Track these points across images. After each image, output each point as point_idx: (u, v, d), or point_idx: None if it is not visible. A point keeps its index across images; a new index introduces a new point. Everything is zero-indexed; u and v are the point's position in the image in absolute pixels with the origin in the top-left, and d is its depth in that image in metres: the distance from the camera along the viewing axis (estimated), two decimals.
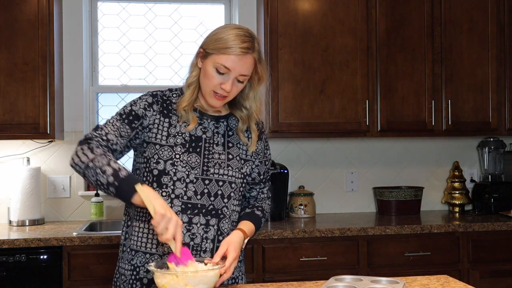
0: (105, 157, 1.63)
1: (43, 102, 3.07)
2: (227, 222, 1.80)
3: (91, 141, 1.69)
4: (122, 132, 1.74)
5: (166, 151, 1.75)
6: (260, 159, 1.92)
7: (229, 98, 1.79)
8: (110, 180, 1.59)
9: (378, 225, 3.08)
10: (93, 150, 1.65)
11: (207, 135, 1.81)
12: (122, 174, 1.60)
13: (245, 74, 1.74)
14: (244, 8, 3.61)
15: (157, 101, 1.80)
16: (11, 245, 2.75)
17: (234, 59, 1.70)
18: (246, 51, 1.71)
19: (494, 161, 3.75)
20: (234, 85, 1.75)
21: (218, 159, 1.80)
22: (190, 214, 1.75)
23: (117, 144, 1.74)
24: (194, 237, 1.75)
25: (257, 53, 1.75)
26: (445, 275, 1.85)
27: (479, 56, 3.46)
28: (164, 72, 3.70)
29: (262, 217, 1.92)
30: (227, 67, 1.71)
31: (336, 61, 3.32)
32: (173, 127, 1.78)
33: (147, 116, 1.77)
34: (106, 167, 1.60)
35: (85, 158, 1.64)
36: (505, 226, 3.15)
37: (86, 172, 1.64)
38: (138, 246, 1.78)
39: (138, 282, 1.77)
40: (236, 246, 1.70)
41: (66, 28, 3.44)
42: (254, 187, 1.96)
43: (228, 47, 1.70)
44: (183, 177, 1.75)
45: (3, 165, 3.37)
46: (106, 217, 3.45)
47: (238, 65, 1.71)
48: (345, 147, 3.72)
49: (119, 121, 1.76)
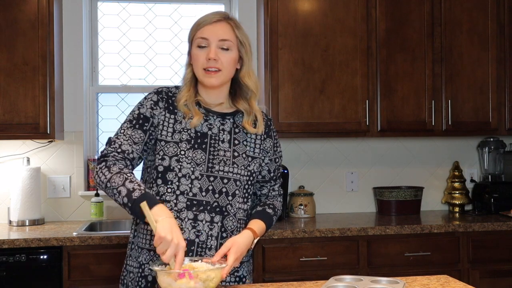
0: (121, 176, 1.66)
1: (43, 102, 3.07)
2: (231, 219, 1.80)
3: (107, 158, 1.73)
4: (135, 139, 1.77)
5: (172, 147, 1.76)
6: (270, 156, 1.92)
7: (224, 72, 1.79)
8: (125, 201, 1.63)
9: (378, 225, 3.08)
10: (110, 168, 1.69)
11: (212, 132, 1.82)
12: (135, 195, 1.62)
13: (224, 38, 1.78)
14: (244, 8, 3.61)
15: (162, 98, 1.82)
16: (11, 245, 2.75)
17: (209, 27, 1.78)
18: (219, 19, 1.80)
19: (494, 161, 3.75)
20: (220, 54, 1.77)
21: (223, 156, 1.80)
22: (195, 211, 1.75)
23: (133, 152, 1.77)
24: (199, 234, 1.75)
25: (232, 21, 1.82)
26: (445, 275, 1.85)
27: (479, 56, 3.46)
28: (164, 72, 3.70)
29: (274, 215, 1.92)
30: (204, 37, 1.77)
31: (336, 61, 3.32)
32: (179, 123, 1.79)
33: (155, 114, 1.79)
34: (121, 187, 1.64)
35: (103, 178, 1.69)
36: (505, 226, 3.15)
37: (107, 192, 1.70)
38: (143, 243, 1.79)
39: (143, 279, 1.78)
40: (239, 248, 1.69)
41: (66, 28, 3.44)
42: (265, 185, 1.96)
43: (201, 22, 1.81)
44: (188, 174, 1.75)
45: (3, 165, 3.37)
46: (106, 217, 3.45)
47: (213, 32, 1.77)
48: (345, 147, 3.72)
49: (130, 128, 1.78)
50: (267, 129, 1.92)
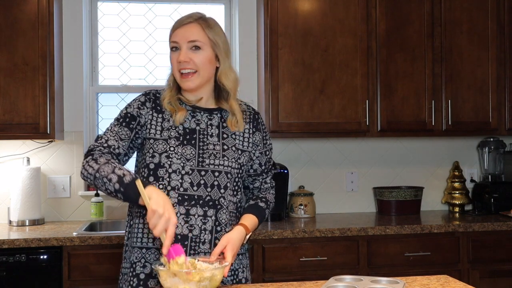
0: (109, 165, 1.68)
1: (43, 102, 3.07)
2: (224, 212, 1.81)
3: (93, 152, 1.75)
4: (121, 136, 1.80)
5: (161, 145, 1.79)
6: (260, 149, 1.94)
7: (201, 73, 1.81)
8: (116, 187, 1.65)
9: (378, 225, 3.08)
10: (97, 160, 1.71)
11: (201, 127, 1.84)
12: (126, 180, 1.64)
13: (193, 39, 1.80)
14: (244, 8, 3.61)
15: (149, 99, 1.86)
16: (11, 245, 2.75)
17: (179, 30, 1.83)
18: (187, 21, 1.82)
19: (494, 161, 3.75)
20: (192, 55, 1.80)
21: (213, 149, 1.82)
22: (187, 206, 1.76)
23: (119, 148, 1.79)
24: (192, 228, 1.76)
25: (203, 22, 1.82)
26: (445, 275, 1.85)
27: (479, 56, 3.46)
28: (164, 72, 3.70)
29: (266, 208, 1.94)
30: (174, 41, 1.81)
31: (336, 61, 3.32)
32: (167, 121, 1.83)
33: (142, 114, 1.83)
34: (111, 175, 1.65)
35: (91, 170, 1.70)
36: (505, 226, 3.15)
37: (96, 183, 1.70)
38: (134, 242, 1.80)
39: (135, 278, 1.78)
40: (234, 245, 1.71)
41: (66, 28, 3.44)
42: (257, 178, 1.98)
43: (174, 26, 1.85)
44: (178, 169, 1.77)
45: (3, 165, 3.37)
46: (106, 217, 3.45)
47: (182, 35, 1.80)
48: (345, 147, 3.72)
49: (117, 125, 1.82)
50: (255, 122, 1.94)
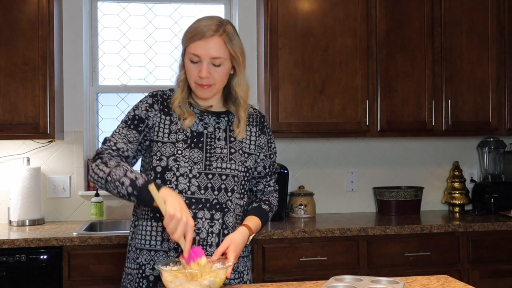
0: (121, 168, 1.68)
1: (43, 102, 3.07)
2: (231, 215, 1.81)
3: (102, 155, 1.74)
4: (130, 138, 1.79)
5: (168, 148, 1.79)
6: (265, 152, 1.94)
7: (217, 85, 1.80)
8: (129, 191, 1.64)
9: (378, 225, 3.08)
10: (107, 163, 1.70)
11: (208, 130, 1.84)
12: (139, 183, 1.64)
13: (216, 56, 1.76)
14: (244, 8, 3.61)
15: (157, 100, 1.85)
16: (11, 245, 2.75)
17: (201, 44, 1.75)
18: (212, 34, 1.75)
19: (494, 161, 3.75)
20: (212, 70, 1.77)
21: (220, 153, 1.82)
22: (194, 209, 1.76)
23: (128, 151, 1.79)
24: (199, 231, 1.76)
25: (225, 35, 1.77)
26: (445, 275, 1.85)
27: (479, 56, 3.46)
28: (164, 72, 3.70)
29: (269, 211, 1.95)
30: (196, 54, 1.76)
31: (336, 61, 3.32)
32: (174, 124, 1.82)
33: (150, 116, 1.82)
34: (124, 178, 1.65)
35: (102, 174, 1.69)
36: (505, 226, 3.15)
37: (107, 186, 1.69)
38: (142, 244, 1.80)
39: (144, 280, 1.78)
40: (237, 246, 1.71)
41: (66, 28, 3.44)
42: (260, 181, 1.98)
43: (194, 35, 1.76)
44: (186, 172, 1.77)
45: (3, 165, 3.37)
46: (106, 217, 3.45)
47: (205, 50, 1.75)
48: (345, 147, 3.72)
49: (125, 128, 1.81)
50: (261, 125, 1.94)
